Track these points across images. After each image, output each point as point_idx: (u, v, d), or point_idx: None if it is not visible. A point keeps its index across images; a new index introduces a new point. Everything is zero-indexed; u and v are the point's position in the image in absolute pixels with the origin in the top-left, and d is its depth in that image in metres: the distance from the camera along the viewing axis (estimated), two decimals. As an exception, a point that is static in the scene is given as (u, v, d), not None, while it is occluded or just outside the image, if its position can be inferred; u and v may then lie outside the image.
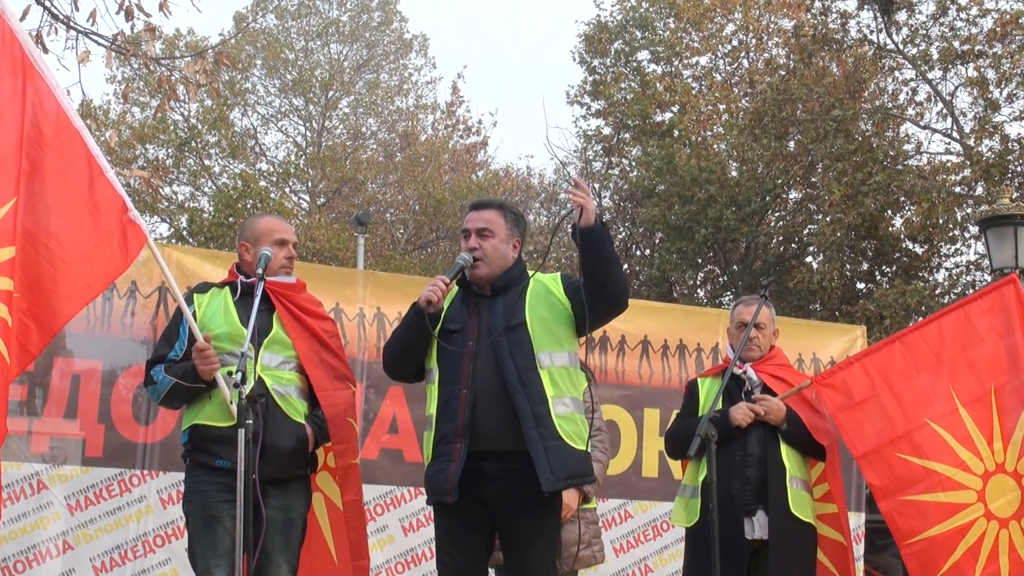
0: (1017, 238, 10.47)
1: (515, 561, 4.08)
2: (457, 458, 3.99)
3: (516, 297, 4.15)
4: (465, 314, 4.15)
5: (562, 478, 3.96)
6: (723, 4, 21.27)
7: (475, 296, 4.20)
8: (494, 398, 4.00)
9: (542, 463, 3.91)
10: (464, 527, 4.07)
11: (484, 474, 3.98)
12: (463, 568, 4.08)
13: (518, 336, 4.05)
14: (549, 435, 3.96)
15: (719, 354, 6.87)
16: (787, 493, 4.75)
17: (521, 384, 3.98)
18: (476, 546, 4.09)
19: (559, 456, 3.95)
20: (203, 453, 4.22)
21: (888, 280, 18.34)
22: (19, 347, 3.89)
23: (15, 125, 4.01)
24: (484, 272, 4.16)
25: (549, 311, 4.14)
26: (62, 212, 4.05)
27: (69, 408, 5.69)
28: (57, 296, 3.98)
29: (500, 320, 4.09)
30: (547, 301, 4.16)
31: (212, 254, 6.84)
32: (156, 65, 8.22)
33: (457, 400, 4.03)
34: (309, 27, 27.32)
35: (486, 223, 4.20)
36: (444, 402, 4.08)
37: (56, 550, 5.50)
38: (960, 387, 4.94)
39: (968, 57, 17.02)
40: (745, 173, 19.25)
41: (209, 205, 23.40)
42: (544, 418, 3.97)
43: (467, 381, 4.03)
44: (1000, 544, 4.78)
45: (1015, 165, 16.70)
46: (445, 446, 4.04)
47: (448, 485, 3.98)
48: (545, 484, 3.91)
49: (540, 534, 4.07)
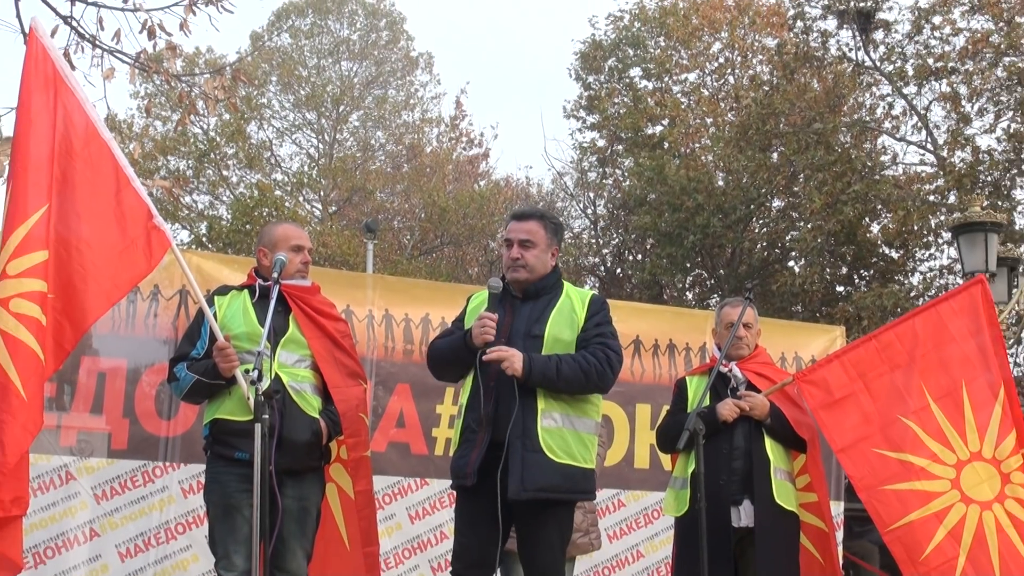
0: (987, 244, 10.47)
1: (526, 548, 4.10)
2: (480, 445, 4.02)
3: (544, 306, 4.17)
4: (501, 313, 4.13)
5: (531, 489, 3.94)
6: (710, 24, 21.28)
7: (510, 297, 4.22)
8: (512, 395, 4.00)
9: (515, 472, 3.93)
10: (480, 513, 4.06)
11: (503, 462, 3.96)
12: (474, 549, 4.08)
13: (533, 348, 4.06)
14: (531, 447, 3.96)
15: (706, 353, 6.86)
16: (771, 483, 4.75)
17: (519, 393, 3.99)
18: (489, 532, 4.05)
19: (534, 469, 3.94)
20: (223, 446, 4.23)
21: (866, 283, 18.34)
22: (54, 344, 3.93)
23: (47, 137, 4.04)
24: (524, 278, 4.19)
25: (569, 331, 4.14)
26: (91, 218, 4.08)
27: (95, 404, 5.70)
28: (88, 296, 4.00)
29: (523, 324, 4.12)
30: (570, 320, 4.17)
31: (230, 259, 6.84)
32: (177, 81, 8.21)
33: (483, 393, 4.05)
34: (321, 45, 27.36)
35: (528, 234, 4.21)
36: (473, 393, 4.12)
37: (83, 537, 5.51)
38: (931, 383, 4.95)
39: (941, 73, 17.02)
40: (731, 183, 19.25)
41: (227, 213, 23.39)
42: (530, 430, 3.98)
43: (494, 376, 4.05)
44: (986, 525, 4.77)
45: (985, 175, 16.70)
46: (470, 434, 4.08)
47: (469, 469, 4.00)
48: (512, 493, 3.92)
49: (550, 524, 4.08)
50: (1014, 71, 16.26)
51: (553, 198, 24.86)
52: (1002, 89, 16.81)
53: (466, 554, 4.10)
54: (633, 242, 21.86)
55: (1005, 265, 11.07)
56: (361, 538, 4.53)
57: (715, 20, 21.27)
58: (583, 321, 4.16)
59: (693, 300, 20.84)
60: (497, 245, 24.16)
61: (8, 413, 3.80)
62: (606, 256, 22.91)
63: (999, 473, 4.85)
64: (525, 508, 4.00)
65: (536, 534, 4.05)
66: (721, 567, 4.61)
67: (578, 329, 4.15)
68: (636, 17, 21.83)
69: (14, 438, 3.81)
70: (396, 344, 6.19)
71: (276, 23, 27.18)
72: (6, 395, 3.81)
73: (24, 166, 3.99)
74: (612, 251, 22.91)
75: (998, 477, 4.85)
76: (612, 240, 22.81)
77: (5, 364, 3.82)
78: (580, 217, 23.73)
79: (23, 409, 3.82)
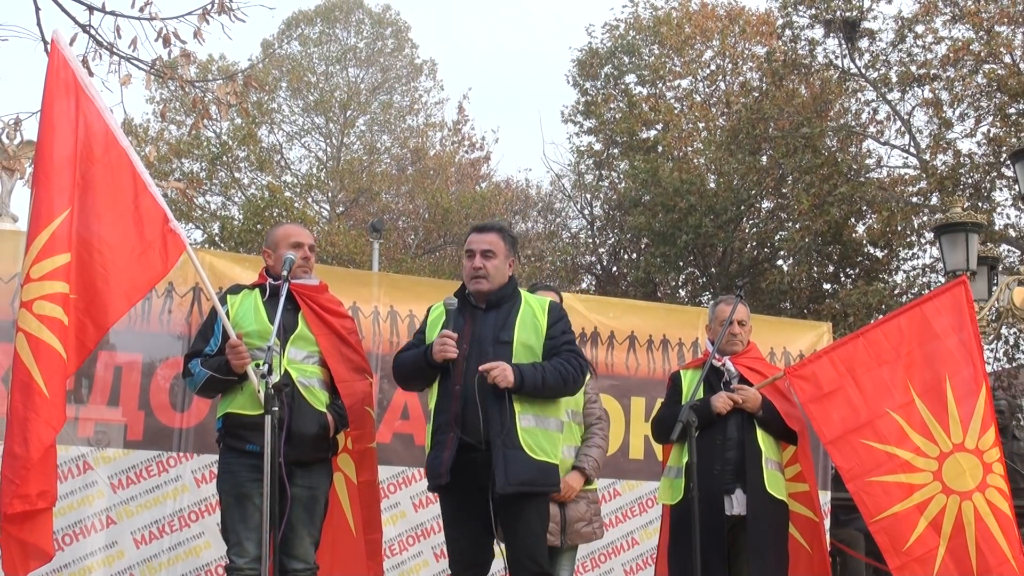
0: (968, 243, 10.45)
1: (509, 536, 4.14)
2: (450, 446, 4.06)
3: (507, 313, 4.23)
4: (461, 323, 4.21)
5: (515, 484, 4.01)
6: (702, 32, 21.28)
7: (470, 308, 4.27)
8: (480, 397, 4.05)
9: (499, 469, 3.99)
10: (464, 512, 4.14)
11: (476, 462, 4.03)
12: (467, 548, 4.16)
13: (503, 353, 4.13)
14: (511, 444, 4.02)
15: (699, 348, 6.84)
16: (763, 473, 4.75)
17: (494, 396, 4.04)
18: (478, 528, 4.12)
19: (516, 465, 4.01)
20: (235, 438, 4.22)
21: (852, 281, 18.33)
22: (77, 343, 3.96)
23: (69, 143, 4.06)
24: (486, 288, 4.24)
25: (534, 336, 4.21)
26: (111, 222, 4.08)
27: (112, 396, 5.68)
28: (109, 296, 4.02)
29: (490, 331, 4.18)
30: (533, 326, 4.23)
31: (241, 258, 6.81)
32: (191, 87, 8.19)
33: (450, 396, 4.11)
34: (329, 53, 27.31)
35: (490, 245, 4.27)
36: (441, 396, 4.17)
37: (100, 524, 5.49)
38: (916, 379, 4.96)
39: (924, 80, 17.03)
40: (722, 185, 19.23)
41: (239, 213, 23.36)
42: (509, 429, 4.04)
43: (460, 379, 4.11)
44: (964, 515, 4.78)
45: (966, 178, 16.69)
46: (440, 435, 4.12)
47: (442, 469, 4.05)
48: (499, 487, 3.98)
49: (531, 512, 4.13)
50: (993, 78, 16.25)
51: (551, 199, 24.87)
52: (982, 95, 16.81)
53: (461, 556, 4.17)
54: (628, 241, 21.85)
55: (985, 264, 11.07)
56: (364, 525, 4.54)
57: (707, 29, 21.27)
58: (546, 328, 4.23)
59: (686, 297, 20.83)
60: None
61: (32, 411, 3.83)
62: (602, 255, 22.92)
63: (981, 463, 4.86)
64: (509, 501, 4.06)
65: (517, 522, 4.12)
66: (714, 553, 4.61)
67: (542, 335, 4.21)
68: (631, 26, 21.82)
69: (37, 434, 3.84)
70: (401, 339, 6.16)
71: (286, 31, 27.14)
72: (30, 393, 3.84)
73: (47, 172, 4.00)
74: (608, 250, 22.91)
75: (980, 467, 4.86)
76: (608, 240, 22.80)
77: (29, 364, 3.85)
78: (577, 217, 23.76)
79: (46, 406, 3.85)
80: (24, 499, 3.84)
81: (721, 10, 21.77)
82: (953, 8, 16.82)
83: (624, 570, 6.54)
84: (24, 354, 3.86)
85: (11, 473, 3.84)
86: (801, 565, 5.03)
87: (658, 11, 21.77)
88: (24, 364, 3.86)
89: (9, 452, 3.86)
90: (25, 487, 3.82)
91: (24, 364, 3.86)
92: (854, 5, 17.39)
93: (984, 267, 11.01)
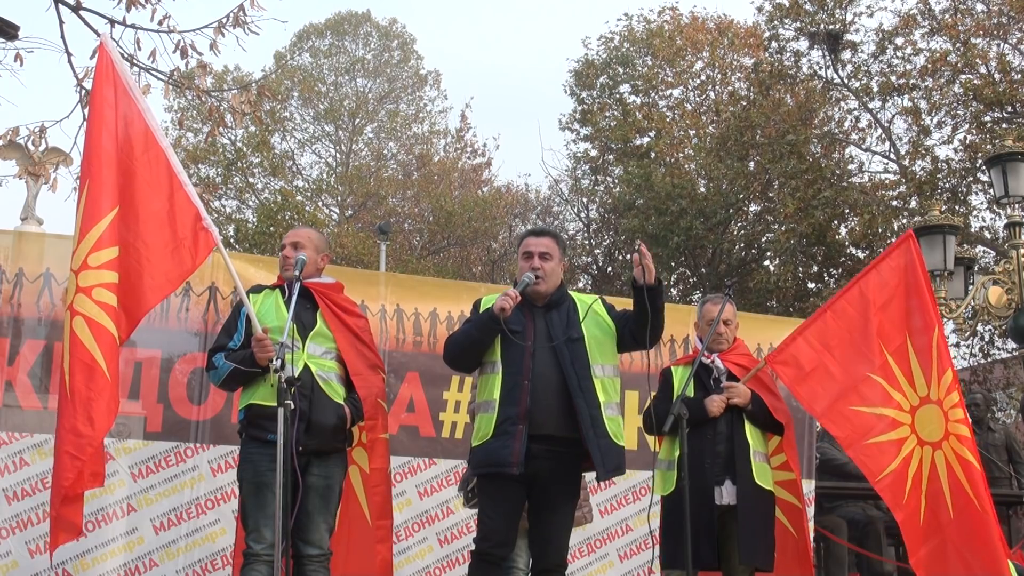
0: (946, 244, 10.44)
1: (540, 523, 4.18)
2: (520, 437, 4.05)
3: (567, 312, 4.25)
4: (523, 320, 4.19)
5: (611, 470, 4.10)
6: (693, 44, 21.28)
7: (530, 307, 4.25)
8: (551, 392, 4.08)
9: (597, 459, 4.05)
10: (504, 496, 4.15)
11: (531, 452, 4.05)
12: (500, 527, 4.15)
13: (577, 348, 4.15)
14: (601, 434, 4.08)
15: (689, 345, 6.84)
16: (751, 465, 4.75)
17: (580, 389, 4.08)
18: (512, 511, 4.17)
19: (609, 453, 4.09)
20: (256, 428, 4.22)
21: (835, 281, 18.33)
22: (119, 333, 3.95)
23: (116, 140, 4.06)
24: (543, 288, 4.25)
25: (601, 331, 4.25)
26: (148, 217, 4.08)
27: (133, 390, 5.67)
28: (143, 289, 4.02)
29: (559, 330, 4.18)
30: (597, 321, 4.27)
31: (255, 259, 6.82)
32: (207, 96, 8.20)
33: (520, 389, 4.08)
34: (339, 64, 27.30)
35: (547, 248, 4.30)
36: (508, 390, 4.11)
37: (121, 512, 5.49)
38: (885, 338, 4.91)
39: (903, 90, 17.01)
40: (712, 189, 19.24)
41: (253, 217, 23.36)
42: (597, 419, 4.08)
43: (528, 374, 4.10)
44: (938, 465, 4.73)
45: (944, 182, 16.69)
46: (509, 426, 4.08)
47: (514, 459, 4.03)
48: (600, 476, 4.08)
49: (565, 504, 4.20)
50: (969, 88, 16.23)
51: (549, 203, 24.88)
52: (959, 104, 16.79)
53: (494, 535, 4.15)
54: (623, 243, 21.84)
55: (962, 264, 11.06)
56: (375, 512, 4.54)
57: (697, 41, 21.27)
58: (608, 317, 4.30)
59: (677, 296, 20.82)
60: (499, 246, 24.15)
61: (96, 392, 3.81)
62: (598, 256, 22.93)
63: (943, 412, 4.79)
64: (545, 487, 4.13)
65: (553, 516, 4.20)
66: (705, 540, 4.64)
67: (607, 325, 4.27)
68: (625, 38, 21.84)
69: (101, 415, 3.82)
70: (407, 336, 6.17)
71: (298, 44, 27.13)
72: (94, 376, 3.82)
73: (99, 167, 4.01)
74: (603, 251, 22.91)
75: (942, 417, 4.79)
76: (603, 241, 22.81)
77: (91, 348, 3.83)
78: (574, 220, 23.74)
79: (107, 388, 3.84)
80: (95, 477, 3.84)
81: (711, 23, 21.77)
82: (931, 21, 16.83)
83: (619, 555, 6.55)
84: (85, 338, 3.83)
85: (76, 451, 3.79)
86: (788, 549, 5.03)
87: (651, 24, 21.79)
88: (86, 347, 3.83)
89: (73, 431, 3.81)
90: (93, 465, 3.80)
91: (86, 347, 3.83)
92: (837, 19, 17.40)
93: (961, 267, 11.00)
